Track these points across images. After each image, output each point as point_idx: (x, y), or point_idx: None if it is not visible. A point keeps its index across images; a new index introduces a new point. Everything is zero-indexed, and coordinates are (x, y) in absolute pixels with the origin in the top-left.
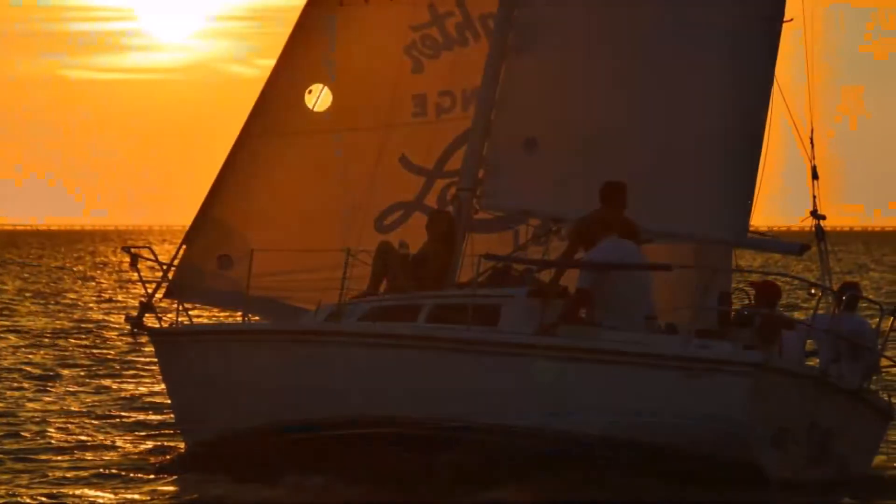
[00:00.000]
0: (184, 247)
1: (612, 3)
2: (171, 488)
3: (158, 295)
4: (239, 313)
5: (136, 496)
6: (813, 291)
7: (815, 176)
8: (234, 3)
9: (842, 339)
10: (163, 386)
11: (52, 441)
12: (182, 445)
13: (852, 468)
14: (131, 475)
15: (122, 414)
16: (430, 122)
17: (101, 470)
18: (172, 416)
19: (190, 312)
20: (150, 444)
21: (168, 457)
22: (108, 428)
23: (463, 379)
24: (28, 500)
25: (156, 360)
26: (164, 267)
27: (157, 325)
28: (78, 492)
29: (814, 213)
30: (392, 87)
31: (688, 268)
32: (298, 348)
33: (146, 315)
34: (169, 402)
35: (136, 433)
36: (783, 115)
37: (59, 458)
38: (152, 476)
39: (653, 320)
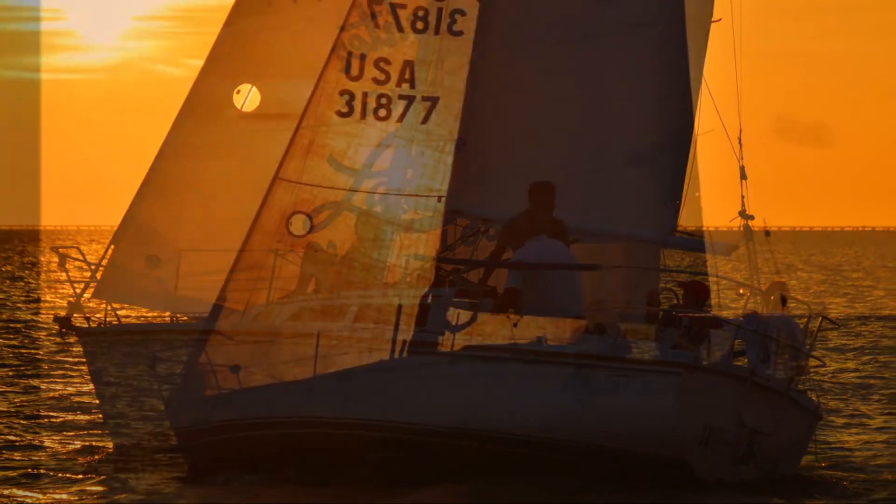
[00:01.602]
0: (112, 247)
1: (539, 3)
2: (99, 488)
3: (87, 295)
4: (167, 313)
5: (65, 496)
6: (741, 291)
7: (743, 176)
8: (163, 2)
9: (770, 339)
10: (91, 386)
11: None
12: (110, 445)
13: (780, 468)
14: (60, 475)
15: (51, 414)
16: (358, 122)
17: (30, 470)
18: (101, 415)
19: (118, 312)
20: (78, 444)
21: (97, 456)
22: (36, 428)
23: (390, 379)
24: None
25: (84, 359)
26: (93, 267)
27: (86, 325)
28: (6, 492)
29: (742, 213)
30: (320, 87)
31: (616, 267)
32: None
33: (74, 315)
34: (97, 401)
35: (65, 433)
36: (713, 115)
37: None
38: (81, 476)
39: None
